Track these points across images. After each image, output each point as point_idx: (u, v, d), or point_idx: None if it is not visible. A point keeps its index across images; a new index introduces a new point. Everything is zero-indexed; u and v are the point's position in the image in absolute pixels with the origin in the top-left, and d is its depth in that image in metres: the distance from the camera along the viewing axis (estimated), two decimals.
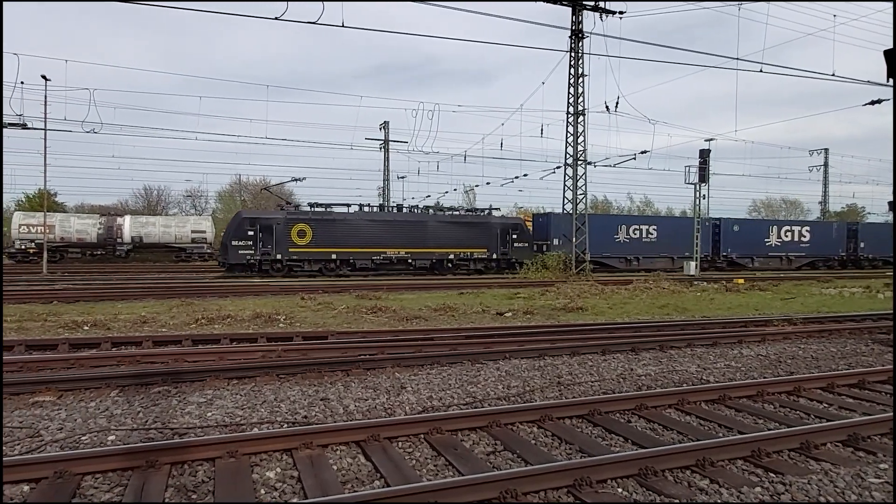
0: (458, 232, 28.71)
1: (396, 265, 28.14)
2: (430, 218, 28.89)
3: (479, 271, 29.03)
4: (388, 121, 46.49)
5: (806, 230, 37.34)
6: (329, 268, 26.77)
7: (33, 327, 10.47)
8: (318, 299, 15.55)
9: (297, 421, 5.34)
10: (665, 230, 33.41)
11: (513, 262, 29.23)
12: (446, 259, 28.53)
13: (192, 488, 3.90)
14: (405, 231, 27.82)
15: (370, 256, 27.20)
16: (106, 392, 6.17)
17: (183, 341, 8.95)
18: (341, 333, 9.77)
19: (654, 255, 32.62)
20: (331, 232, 26.59)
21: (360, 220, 27.52)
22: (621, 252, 32.15)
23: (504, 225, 29.65)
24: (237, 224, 25.87)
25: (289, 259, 26.06)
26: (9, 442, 4.73)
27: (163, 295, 16.44)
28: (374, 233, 27.28)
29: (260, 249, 25.40)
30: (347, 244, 26.80)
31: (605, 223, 32.56)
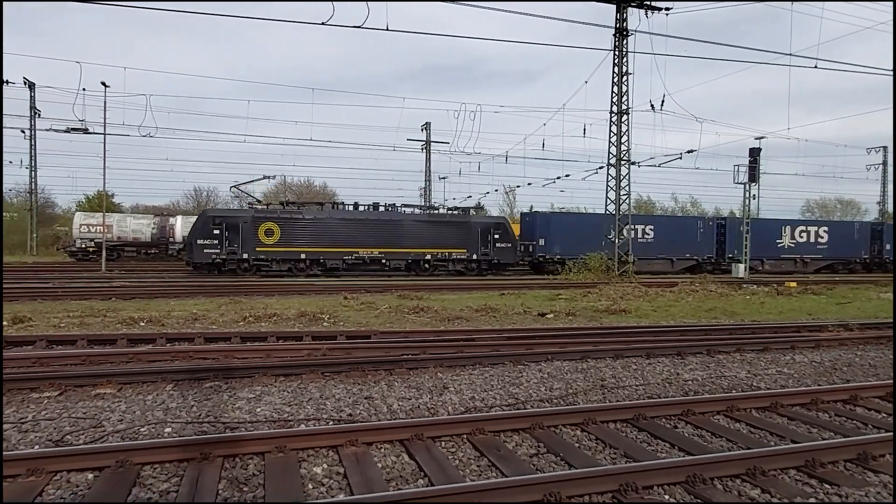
0: (434, 232, 27.76)
1: (370, 265, 27.29)
2: (405, 217, 27.96)
3: (460, 272, 28.04)
4: (429, 122, 46.78)
5: (824, 231, 34.69)
6: (298, 268, 26.22)
7: (94, 323, 10.99)
8: (361, 299, 15.78)
9: (342, 418, 5.45)
10: (663, 230, 31.68)
11: (494, 262, 28.51)
12: (422, 259, 27.61)
13: (243, 481, 4.03)
14: (378, 230, 27.02)
15: (341, 256, 26.51)
16: (162, 386, 6.43)
17: (232, 338, 9.23)
18: (384, 333, 9.90)
19: (650, 256, 30.84)
20: (299, 231, 25.99)
21: (330, 219, 26.85)
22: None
23: (485, 225, 28.70)
24: (203, 222, 25.53)
25: (255, 258, 25.51)
26: (74, 431, 4.99)
27: (212, 293, 16.98)
28: (345, 232, 26.56)
29: (226, 248, 25.00)
30: (317, 244, 26.16)
31: (597, 222, 30.86)
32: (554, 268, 29.70)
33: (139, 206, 53.18)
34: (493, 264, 28.43)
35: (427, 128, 46.99)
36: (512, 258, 28.73)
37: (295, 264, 26.14)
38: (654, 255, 31.17)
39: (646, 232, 31.54)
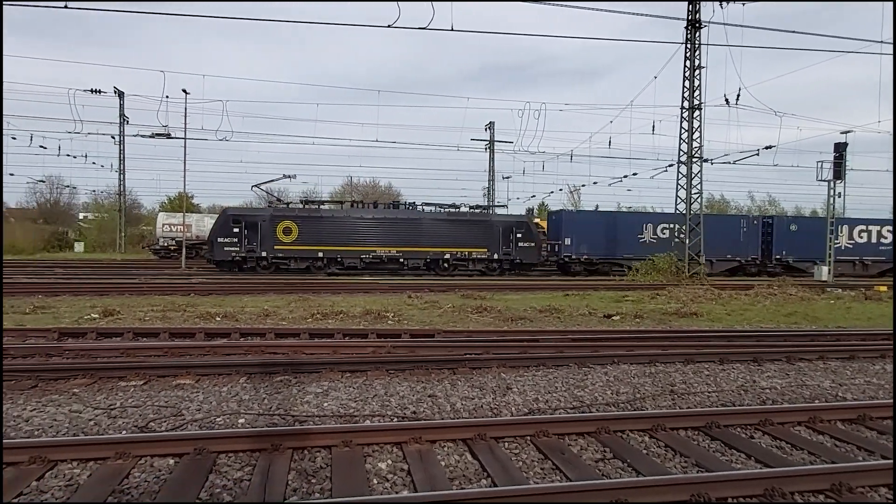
0: (454, 231, 27.35)
1: (388, 264, 27.20)
2: (424, 216, 27.65)
3: (481, 272, 27.61)
4: (493, 121, 46.63)
5: (887, 230, 31.44)
6: (316, 266, 26.33)
7: (175, 317, 11.63)
8: (425, 298, 15.93)
9: (406, 416, 5.52)
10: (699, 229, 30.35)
11: (517, 262, 27.79)
12: (441, 259, 27.25)
13: (311, 473, 4.15)
14: (397, 229, 26.83)
15: (359, 255, 26.49)
16: (236, 378, 6.72)
17: (301, 334, 9.53)
18: (447, 332, 9.95)
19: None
20: (317, 230, 26.13)
21: (348, 217, 26.90)
22: (646, 253, 28.36)
23: (506, 224, 27.97)
24: (223, 221, 26.10)
25: (274, 257, 25.94)
26: (156, 419, 5.30)
27: (282, 290, 17.61)
28: (363, 231, 26.54)
29: (245, 246, 25.48)
30: (335, 242, 26.24)
31: (629, 221, 30.04)
32: (580, 268, 28.69)
33: (216, 207, 55.86)
34: (516, 264, 27.76)
35: (490, 127, 46.88)
36: (535, 258, 27.97)
37: (313, 262, 26.27)
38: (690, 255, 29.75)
39: (682, 231, 30.08)
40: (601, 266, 28.89)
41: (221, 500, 3.75)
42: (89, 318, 11.40)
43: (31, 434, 4.87)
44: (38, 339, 8.74)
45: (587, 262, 28.53)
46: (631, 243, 28.77)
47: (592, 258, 28.35)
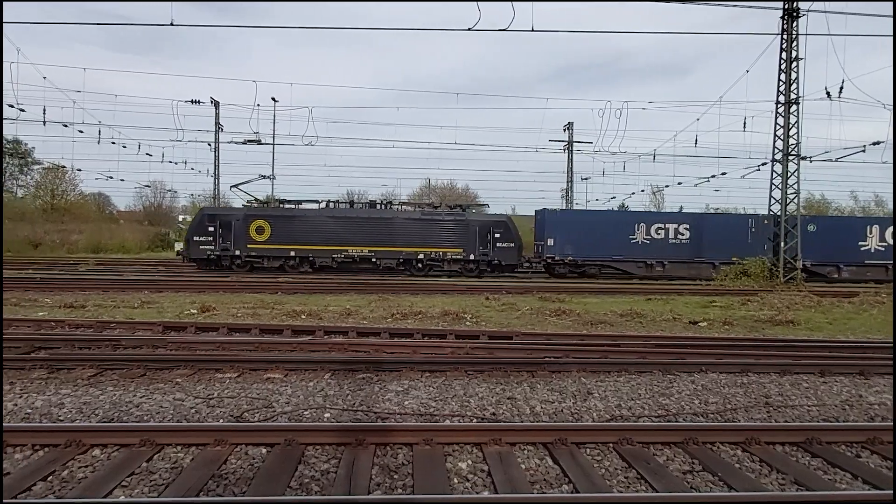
0: (428, 231, 26.68)
1: (360, 264, 26.99)
2: (397, 215, 27.16)
3: (457, 273, 26.74)
4: (572, 122, 45.81)
5: None
6: (289, 265, 26.31)
7: (264, 314, 12.25)
8: (502, 300, 15.89)
9: (485, 417, 5.54)
10: (701, 230, 27.63)
11: (495, 263, 26.83)
12: (415, 259, 26.68)
13: (394, 469, 4.25)
14: (369, 229, 26.48)
15: (330, 254, 26.30)
16: (321, 374, 6.99)
17: (381, 333, 9.77)
18: (526, 334, 9.88)
19: (685, 259, 27.26)
20: (289, 229, 26.12)
21: (320, 216, 26.72)
22: (639, 255, 27.23)
23: (484, 223, 27.08)
24: (199, 220, 26.47)
25: (247, 255, 26.00)
26: (250, 409, 5.61)
27: (363, 290, 18.11)
28: (335, 230, 26.31)
29: (220, 245, 25.73)
30: (307, 241, 26.12)
31: (620, 221, 28.04)
32: (565, 270, 27.33)
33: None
34: (494, 265, 26.97)
35: (569, 128, 46.06)
36: (515, 259, 27.01)
37: (286, 262, 26.34)
38: (690, 257, 27.24)
39: (679, 232, 27.47)
40: (588, 268, 27.60)
41: (310, 490, 3.91)
42: (188, 313, 12.22)
43: (141, 419, 5.29)
44: (145, 332, 9.47)
45: (572, 263, 27.42)
46: (621, 244, 27.07)
47: (577, 260, 27.30)
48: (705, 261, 27.33)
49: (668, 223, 27.60)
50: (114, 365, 7.05)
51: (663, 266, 27.22)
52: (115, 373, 6.83)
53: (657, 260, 27.18)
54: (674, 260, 27.13)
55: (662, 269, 27.17)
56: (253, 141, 32.92)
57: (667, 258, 27.14)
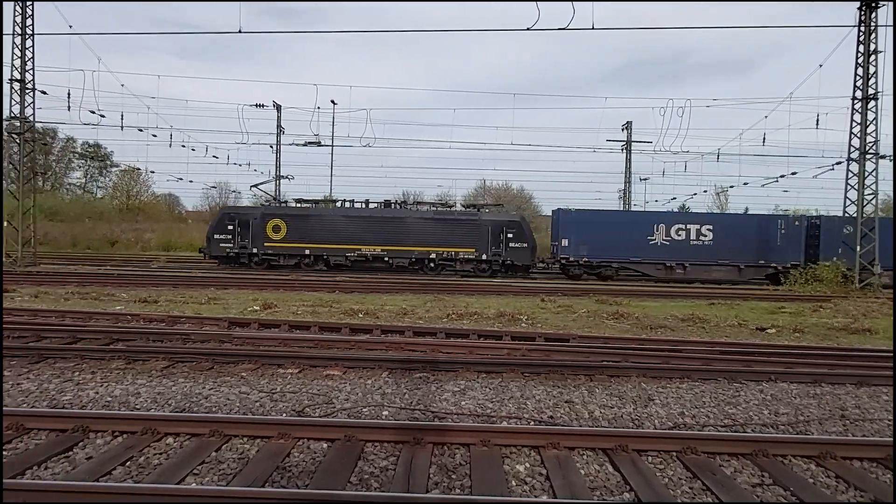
0: (440, 230, 26.58)
1: (373, 263, 27.06)
2: (410, 215, 27.15)
3: (469, 273, 26.50)
4: (630, 121, 44.75)
5: None
6: (304, 263, 26.71)
7: (323, 312, 12.56)
8: (558, 301, 15.70)
9: (542, 420, 5.49)
10: (726, 231, 26.20)
11: (508, 264, 26.44)
12: (427, 258, 26.64)
13: (451, 469, 4.27)
14: (381, 228, 26.63)
15: (344, 253, 26.58)
16: (378, 373, 7.10)
17: (437, 333, 9.83)
18: (583, 337, 9.72)
19: (707, 261, 25.94)
20: (304, 227, 26.54)
21: (334, 215, 27.06)
22: (658, 257, 26.00)
23: (496, 223, 26.63)
24: (219, 218, 27.29)
25: (264, 253, 26.60)
26: (311, 405, 5.76)
27: (418, 290, 18.27)
28: (348, 229, 26.58)
29: (238, 243, 26.42)
30: (321, 240, 26.48)
31: (637, 221, 26.92)
32: (580, 271, 26.52)
33: None
34: (507, 265, 26.58)
35: (628, 127, 45.00)
36: (528, 259, 26.58)
37: (301, 260, 26.75)
38: (714, 260, 25.96)
39: (702, 233, 26.14)
40: (603, 269, 26.51)
41: (370, 486, 3.98)
42: (252, 310, 12.67)
43: (210, 410, 5.52)
44: (212, 327, 9.88)
45: (586, 264, 26.62)
46: (639, 245, 26.06)
47: (592, 261, 26.45)
48: (729, 263, 26.17)
49: (690, 224, 26.55)
50: (184, 358, 7.39)
51: (684, 268, 26.25)
52: (186, 365, 7.16)
53: (677, 262, 26.21)
54: (695, 262, 26.14)
55: (683, 272, 26.26)
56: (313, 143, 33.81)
57: (688, 260, 26.17)
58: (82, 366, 7.05)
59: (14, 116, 24.19)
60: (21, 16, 23.25)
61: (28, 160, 25.32)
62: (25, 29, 23.42)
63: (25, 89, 23.78)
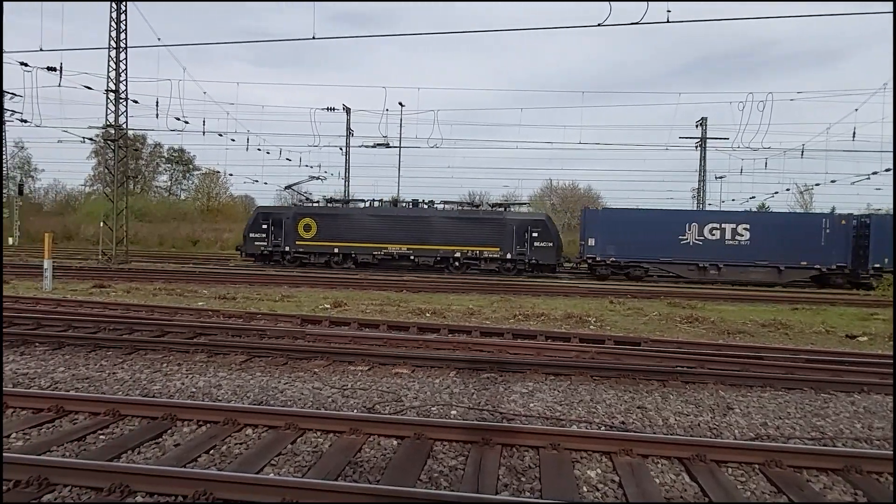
0: (465, 229, 26.66)
1: (399, 261, 27.37)
2: (435, 214, 27.36)
3: (493, 272, 26.29)
4: (705, 116, 42.94)
5: None
6: (334, 261, 27.31)
7: (390, 311, 12.77)
8: (628, 304, 15.28)
9: (613, 425, 5.35)
10: (764, 230, 24.92)
11: (533, 263, 26.23)
12: (452, 257, 26.78)
13: (521, 471, 4.24)
14: (407, 226, 26.95)
15: (371, 251, 27.08)
16: (446, 372, 7.15)
17: (504, 334, 9.79)
18: (654, 341, 9.42)
19: (743, 262, 24.83)
20: (334, 226, 27.23)
21: (362, 214, 27.65)
22: (690, 257, 25.10)
23: (521, 222, 26.50)
24: (254, 218, 28.21)
25: (296, 251, 27.36)
26: (380, 402, 5.87)
27: (485, 290, 18.27)
28: (375, 228, 27.09)
29: (271, 241, 27.29)
30: (349, 239, 27.08)
31: (668, 220, 25.85)
32: (607, 271, 25.61)
33: None
34: (532, 265, 26.34)
35: (703, 123, 43.19)
36: (553, 259, 26.29)
37: (330, 258, 27.32)
38: (750, 261, 24.69)
39: (738, 232, 24.91)
40: (632, 269, 25.70)
41: (440, 485, 4.01)
42: (323, 308, 13.06)
43: (285, 403, 5.73)
44: (286, 324, 10.26)
45: (614, 264, 25.77)
46: (670, 245, 25.22)
47: (619, 260, 25.60)
48: (769, 264, 24.87)
49: (725, 223, 25.46)
50: (261, 353, 7.71)
51: (718, 269, 25.25)
52: (262, 360, 7.47)
53: (711, 262, 25.26)
54: (731, 263, 25.10)
55: (717, 273, 25.27)
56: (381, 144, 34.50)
57: (722, 261, 25.16)
58: (169, 358, 7.50)
59: (109, 125, 26.03)
60: (115, 31, 24.98)
61: (121, 165, 27.18)
62: (119, 43, 25.15)
63: (119, 99, 25.53)
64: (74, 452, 4.36)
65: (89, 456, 4.23)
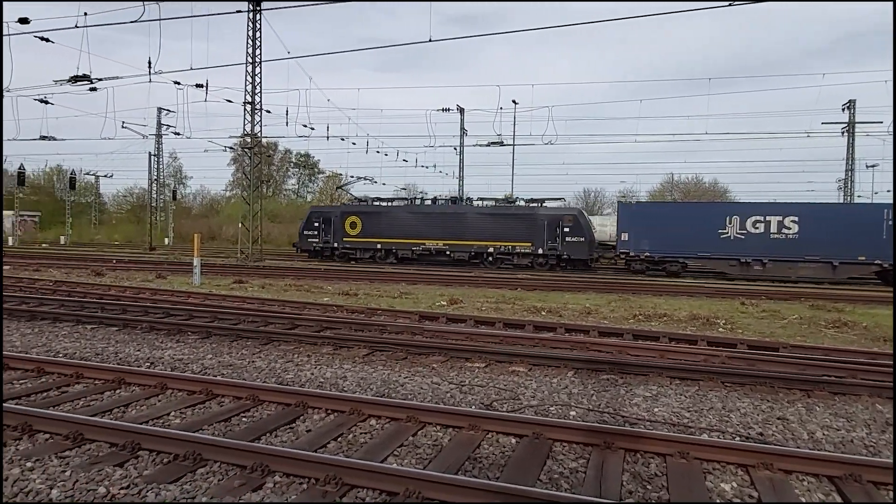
0: (497, 225, 27.21)
1: (436, 256, 28.16)
2: (469, 210, 28.25)
3: (527, 267, 26.59)
4: (853, 99, 38.55)
5: None
6: (378, 257, 28.75)
7: (506, 308, 12.77)
8: (762, 306, 14.11)
9: (750, 436, 4.95)
10: (815, 223, 23.02)
11: (564, 258, 26.26)
12: (485, 252, 27.34)
13: (646, 479, 4.05)
14: (443, 223, 27.87)
15: (410, 247, 28.24)
16: (563, 372, 7.02)
17: (624, 335, 9.42)
18: (795, 347, 8.61)
19: (792, 257, 23.12)
20: (376, 223, 28.77)
21: (402, 212, 28.88)
22: (731, 251, 23.74)
23: (553, 217, 26.51)
24: (308, 216, 30.68)
25: (343, 247, 29.36)
26: (498, 399, 5.88)
27: (601, 289, 17.71)
28: (414, 224, 28.19)
29: (322, 238, 29.52)
30: (390, 235, 28.40)
31: (706, 214, 24.90)
32: (642, 267, 24.90)
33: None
34: (563, 259, 26.37)
35: (850, 106, 38.77)
36: (585, 254, 26.15)
37: (374, 253, 28.90)
38: (799, 255, 23.01)
39: (784, 225, 23.28)
40: (668, 265, 24.63)
41: (560, 486, 3.94)
42: (439, 304, 13.35)
43: (406, 397, 5.92)
44: (404, 320, 10.60)
45: (648, 259, 24.77)
46: (709, 239, 23.98)
47: (654, 256, 24.61)
48: (820, 260, 22.71)
49: (770, 215, 23.82)
50: (382, 347, 8.03)
51: (762, 265, 23.39)
52: (383, 354, 7.78)
53: (754, 258, 23.43)
54: (777, 258, 23.19)
55: (762, 269, 23.38)
56: (495, 143, 34.60)
57: (767, 256, 23.29)
58: (299, 349, 8.04)
59: (246, 134, 28.42)
60: (251, 47, 27.19)
61: (256, 171, 29.56)
62: (255, 58, 27.35)
63: (255, 110, 27.77)
64: (222, 432, 4.80)
65: (234, 436, 4.63)
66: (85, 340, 8.40)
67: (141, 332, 9.01)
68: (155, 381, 5.96)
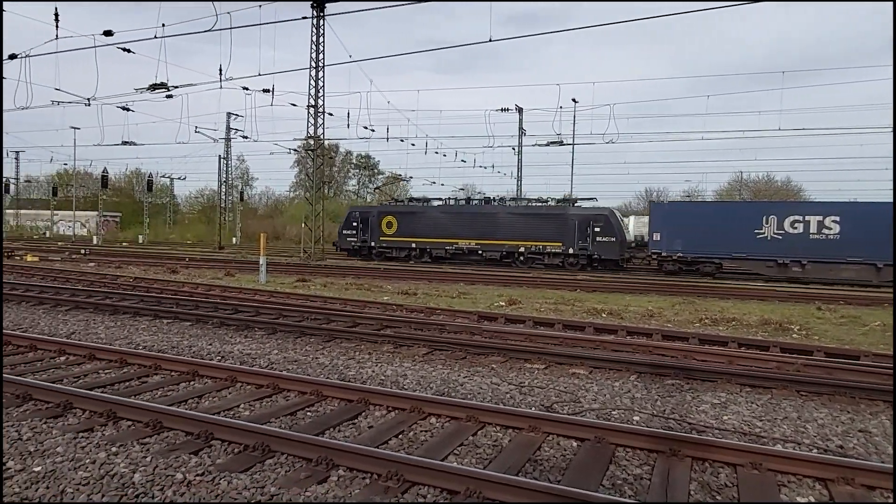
0: (528, 224, 27.27)
1: (468, 256, 28.44)
2: (501, 209, 28.35)
3: (558, 266, 26.51)
4: None
5: None
6: (413, 255, 29.18)
7: (565, 310, 12.59)
8: (840, 311, 13.31)
9: (829, 449, 4.69)
10: (858, 222, 21.66)
11: (595, 258, 25.99)
12: (516, 252, 27.43)
13: (715, 489, 3.91)
14: (475, 222, 28.15)
15: (444, 246, 28.60)
16: (626, 375, 6.86)
17: (689, 339, 9.11)
18: (879, 356, 8.07)
19: (833, 258, 21.85)
20: (411, 223, 29.26)
21: (435, 212, 29.24)
22: (767, 252, 22.68)
23: (583, 217, 26.25)
24: (347, 216, 31.58)
25: (380, 246, 29.93)
26: (558, 402, 5.81)
27: (665, 292, 17.18)
28: (447, 224, 28.57)
29: (360, 237, 30.25)
30: (424, 234, 28.85)
31: (742, 213, 24.04)
32: (674, 267, 24.14)
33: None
34: (594, 259, 26.09)
35: None
36: (616, 254, 25.69)
37: (409, 252, 29.31)
38: (841, 256, 21.69)
39: (825, 225, 22.03)
40: (702, 265, 23.93)
41: (623, 492, 3.86)
42: (497, 305, 13.31)
43: (465, 396, 5.94)
44: (463, 320, 10.63)
45: (681, 259, 24.09)
46: (744, 239, 22.96)
47: (687, 256, 23.92)
48: (863, 261, 21.27)
49: (809, 215, 22.66)
50: (441, 346, 8.09)
51: (801, 266, 22.19)
52: (443, 353, 7.83)
53: (793, 259, 22.54)
54: (817, 259, 22.27)
55: (801, 270, 22.20)
56: (554, 142, 34.17)
57: (806, 257, 22.10)
58: (360, 347, 8.21)
59: (309, 136, 29.25)
60: (315, 52, 27.97)
61: (318, 172, 30.38)
62: (318, 62, 28.11)
63: (318, 113, 28.54)
64: (288, 425, 4.97)
65: (300, 429, 4.78)
66: (162, 334, 8.88)
67: (212, 327, 9.44)
68: (226, 375, 6.23)
